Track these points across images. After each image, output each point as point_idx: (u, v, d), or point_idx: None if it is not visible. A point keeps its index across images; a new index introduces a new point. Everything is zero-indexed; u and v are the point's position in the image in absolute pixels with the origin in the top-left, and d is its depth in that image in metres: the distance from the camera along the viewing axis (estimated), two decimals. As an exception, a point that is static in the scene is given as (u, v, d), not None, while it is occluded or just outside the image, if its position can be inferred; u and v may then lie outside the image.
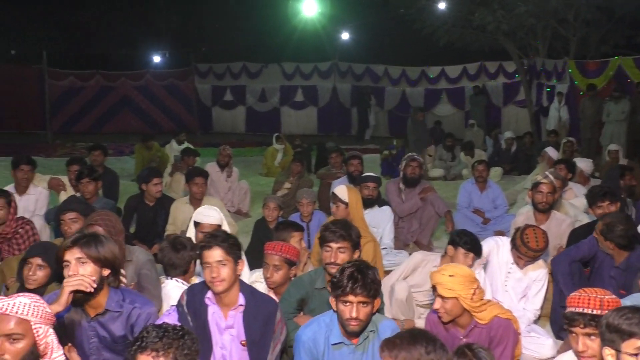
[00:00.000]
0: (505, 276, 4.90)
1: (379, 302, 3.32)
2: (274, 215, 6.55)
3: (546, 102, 16.85)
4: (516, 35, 17.24)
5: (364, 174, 7.30)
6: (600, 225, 4.67)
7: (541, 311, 5.00)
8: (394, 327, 3.39)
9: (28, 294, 2.73)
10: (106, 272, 3.22)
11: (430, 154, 13.25)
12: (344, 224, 4.28)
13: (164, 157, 12.39)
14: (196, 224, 4.94)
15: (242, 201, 9.39)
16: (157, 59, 23.98)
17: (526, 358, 4.47)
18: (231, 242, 3.40)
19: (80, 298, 3.14)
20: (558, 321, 4.77)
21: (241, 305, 3.42)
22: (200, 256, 3.41)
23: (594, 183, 7.77)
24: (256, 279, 4.61)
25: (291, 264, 4.42)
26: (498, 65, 20.39)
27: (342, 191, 5.77)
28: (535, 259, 4.73)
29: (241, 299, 3.42)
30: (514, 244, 4.71)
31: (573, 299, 2.99)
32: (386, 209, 6.89)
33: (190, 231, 5.01)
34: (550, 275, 5.01)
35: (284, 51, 22.09)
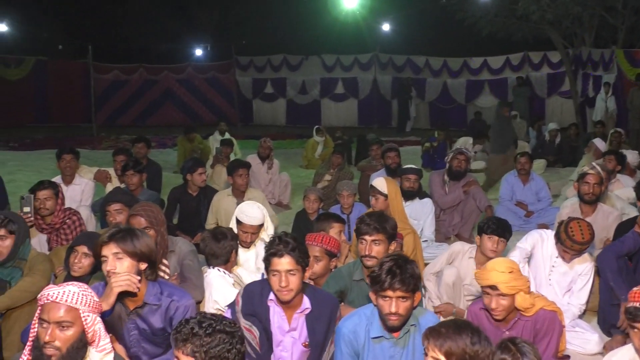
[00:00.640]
0: (549, 270, 4.80)
1: (419, 296, 3.28)
2: (314, 207, 6.57)
3: (592, 93, 16.46)
4: (561, 24, 16.85)
5: (405, 166, 7.25)
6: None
7: (586, 306, 4.90)
8: (435, 321, 3.35)
9: (77, 283, 2.78)
10: (143, 266, 3.27)
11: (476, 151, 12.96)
12: (379, 216, 4.25)
13: (205, 149, 12.52)
14: (238, 221, 4.96)
15: (283, 193, 9.43)
16: (198, 52, 24.21)
17: (571, 353, 4.39)
18: (301, 250, 3.34)
19: (122, 293, 3.19)
20: (608, 318, 4.68)
21: (307, 308, 3.40)
22: (267, 262, 3.35)
23: (643, 175, 7.58)
24: None
25: (332, 255, 4.43)
26: (542, 55, 19.97)
27: (380, 183, 5.74)
28: (581, 252, 4.63)
29: (306, 302, 3.40)
30: (558, 238, 4.62)
31: (636, 294, 2.93)
32: (427, 202, 6.84)
33: (233, 224, 5.04)
34: (595, 269, 4.90)
35: (325, 43, 22.04)
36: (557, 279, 4.79)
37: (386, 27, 21.25)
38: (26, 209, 5.23)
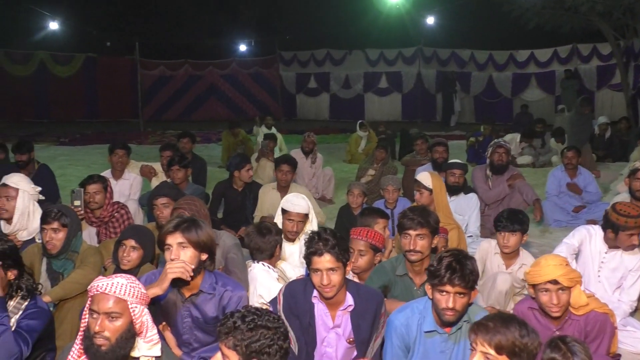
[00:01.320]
0: (598, 266, 4.69)
1: (476, 292, 3.24)
2: (358, 201, 6.57)
3: (644, 85, 16.02)
4: (612, 16, 16.41)
5: (450, 161, 7.17)
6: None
7: (638, 303, 4.77)
8: None
9: (125, 275, 2.84)
10: (204, 256, 3.34)
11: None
12: (421, 210, 4.21)
13: (249, 144, 12.62)
14: (284, 211, 4.99)
15: (327, 187, 9.45)
16: (242, 47, 24.42)
17: (621, 352, 4.28)
18: (341, 246, 3.31)
19: (179, 281, 3.26)
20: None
21: (350, 305, 3.39)
22: (308, 260, 3.34)
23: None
24: None
25: (376, 250, 4.41)
26: (592, 47, 19.53)
27: (425, 178, 5.69)
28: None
29: (349, 299, 3.39)
30: (610, 225, 4.49)
31: None
32: (472, 197, 6.75)
33: (278, 218, 5.08)
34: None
35: (368, 37, 21.97)
36: (606, 276, 4.68)
37: (430, 20, 21.04)
38: (77, 203, 5.36)
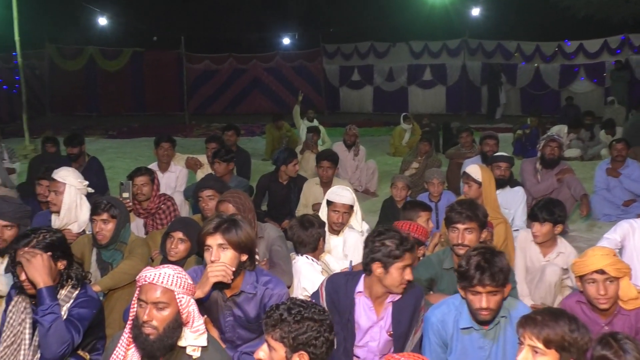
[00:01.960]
0: (643, 261, 4.57)
1: (509, 287, 3.20)
2: (402, 194, 6.54)
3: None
4: (665, 4, 15.92)
5: (495, 154, 7.08)
6: None
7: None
8: (527, 312, 3.26)
9: (172, 266, 2.88)
10: (244, 257, 3.34)
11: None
12: (470, 203, 4.17)
13: (293, 137, 12.68)
14: (329, 202, 5.01)
15: (370, 180, 9.42)
16: (286, 40, 24.48)
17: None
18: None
19: (220, 283, 3.28)
20: None
21: (396, 297, 3.40)
22: (397, 257, 3.28)
23: None
24: None
25: (420, 243, 4.39)
26: (643, 37, 18.95)
27: (475, 170, 5.63)
28: None
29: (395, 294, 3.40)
30: None
31: None
32: (518, 190, 6.65)
33: (323, 211, 5.09)
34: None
35: (412, 29, 21.77)
36: (651, 270, 4.55)
37: (476, 11, 20.73)
38: (125, 195, 5.47)
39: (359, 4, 23.52)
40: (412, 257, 3.30)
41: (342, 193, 4.99)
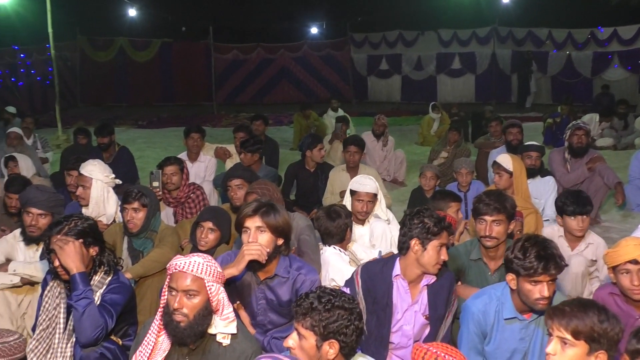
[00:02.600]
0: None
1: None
2: (431, 184, 6.53)
3: None
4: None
5: (526, 143, 6.99)
6: None
7: None
8: None
9: (202, 254, 2.92)
10: (280, 241, 3.40)
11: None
12: (498, 195, 4.12)
13: (321, 126, 12.67)
14: (352, 192, 5.01)
15: (398, 170, 9.39)
16: (314, 30, 24.43)
17: None
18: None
19: (255, 264, 3.33)
20: None
21: (431, 279, 3.42)
22: (434, 235, 3.31)
23: None
24: None
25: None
26: (680, 23, 18.49)
27: (505, 160, 5.57)
28: None
29: (429, 277, 3.42)
30: None
31: None
32: (549, 180, 6.56)
33: (347, 199, 5.09)
34: None
35: (441, 18, 21.58)
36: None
37: (506, -2, 20.47)
38: (155, 184, 5.54)
39: (388, -8, 23.36)
40: (448, 237, 3.35)
41: (365, 182, 4.98)
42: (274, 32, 24.53)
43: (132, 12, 20.81)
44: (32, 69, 19.37)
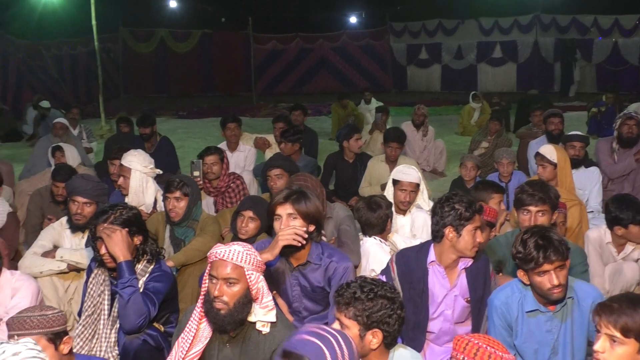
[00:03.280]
0: None
1: (568, 262, 3.10)
2: (471, 174, 6.46)
3: None
4: None
5: (569, 133, 6.84)
6: None
7: None
8: (595, 295, 3.16)
9: (242, 243, 2.94)
10: (311, 228, 3.42)
11: None
12: (541, 185, 4.05)
13: (359, 116, 12.63)
14: (395, 181, 4.99)
15: (438, 160, 9.31)
16: (353, 19, 24.32)
17: None
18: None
19: (288, 250, 3.35)
20: None
21: (465, 267, 3.41)
22: (468, 220, 3.31)
23: None
24: None
25: (491, 225, 4.32)
26: None
27: (549, 151, 5.46)
28: None
29: (465, 260, 3.41)
30: None
31: None
32: (594, 170, 6.41)
33: (389, 190, 5.07)
34: None
35: (482, 6, 21.26)
36: None
37: (550, -15, 20.04)
38: (196, 173, 5.60)
39: (427, -19, 23.11)
40: (481, 219, 3.34)
41: (408, 171, 4.96)
42: (313, 22, 24.50)
43: (172, 4, 21.08)
44: (76, 60, 19.78)
